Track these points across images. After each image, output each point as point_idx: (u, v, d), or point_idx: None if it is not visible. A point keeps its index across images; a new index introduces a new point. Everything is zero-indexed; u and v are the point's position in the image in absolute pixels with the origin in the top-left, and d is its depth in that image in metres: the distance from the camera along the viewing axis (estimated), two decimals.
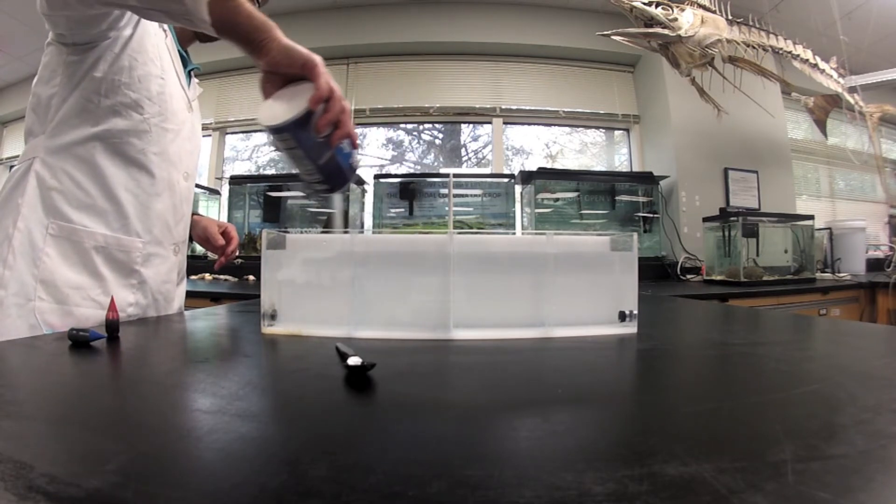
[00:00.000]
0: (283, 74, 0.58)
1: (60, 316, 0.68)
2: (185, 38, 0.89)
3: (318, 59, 0.57)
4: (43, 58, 0.74)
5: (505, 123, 3.02)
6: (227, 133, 3.12)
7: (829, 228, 2.75)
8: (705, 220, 2.38)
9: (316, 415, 0.33)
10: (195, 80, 0.97)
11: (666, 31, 1.83)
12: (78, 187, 0.72)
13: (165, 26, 0.82)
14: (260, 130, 3.09)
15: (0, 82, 3.52)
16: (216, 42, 0.69)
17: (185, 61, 0.89)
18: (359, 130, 3.05)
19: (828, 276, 2.53)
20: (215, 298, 1.67)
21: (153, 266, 0.81)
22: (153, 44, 0.78)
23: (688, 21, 1.88)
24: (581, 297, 0.65)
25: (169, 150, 0.81)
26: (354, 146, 0.61)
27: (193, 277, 2.25)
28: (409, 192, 2.48)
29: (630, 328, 0.64)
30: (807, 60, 2.39)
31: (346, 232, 0.72)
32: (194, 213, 1.00)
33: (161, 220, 0.82)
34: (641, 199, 2.57)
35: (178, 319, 0.78)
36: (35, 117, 0.73)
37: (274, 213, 2.54)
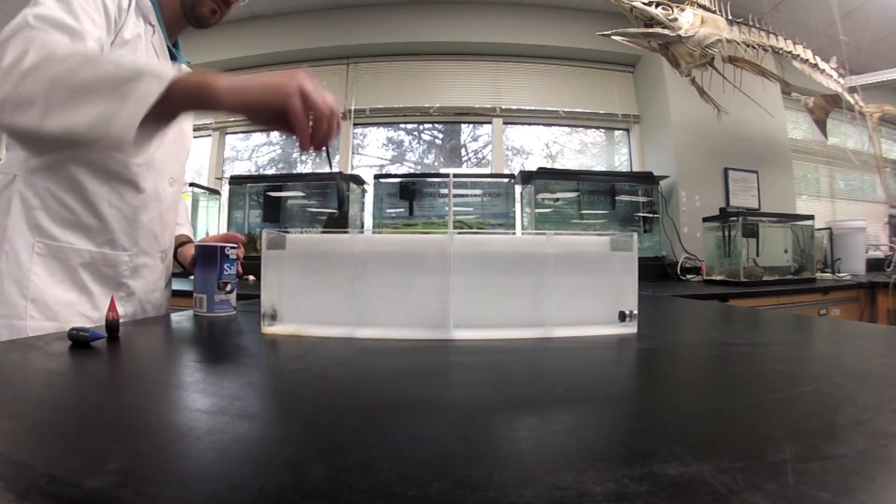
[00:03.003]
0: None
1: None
2: (174, 29, 0.86)
3: (283, 94, 0.54)
4: None
5: (505, 123, 3.02)
6: (227, 133, 3.12)
7: (829, 228, 2.75)
8: (705, 220, 2.38)
9: (316, 415, 0.33)
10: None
11: (666, 31, 1.83)
12: (61, 205, 0.72)
13: (153, 20, 0.79)
14: (260, 130, 3.09)
15: None
16: (216, 42, 0.68)
17: (174, 56, 0.86)
18: (359, 130, 3.05)
19: (828, 276, 2.53)
20: None
21: (142, 277, 0.81)
22: (135, 48, 0.74)
23: (688, 21, 1.88)
24: (581, 297, 0.65)
25: (154, 158, 0.80)
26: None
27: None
28: (409, 192, 2.48)
29: (630, 328, 0.64)
30: (807, 60, 2.38)
31: (345, 232, 0.72)
32: (186, 242, 0.97)
33: (147, 231, 0.81)
34: (641, 199, 2.57)
35: (178, 319, 0.78)
36: None
37: (274, 213, 2.53)
